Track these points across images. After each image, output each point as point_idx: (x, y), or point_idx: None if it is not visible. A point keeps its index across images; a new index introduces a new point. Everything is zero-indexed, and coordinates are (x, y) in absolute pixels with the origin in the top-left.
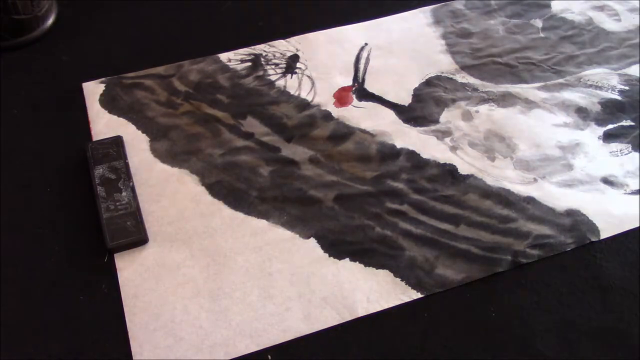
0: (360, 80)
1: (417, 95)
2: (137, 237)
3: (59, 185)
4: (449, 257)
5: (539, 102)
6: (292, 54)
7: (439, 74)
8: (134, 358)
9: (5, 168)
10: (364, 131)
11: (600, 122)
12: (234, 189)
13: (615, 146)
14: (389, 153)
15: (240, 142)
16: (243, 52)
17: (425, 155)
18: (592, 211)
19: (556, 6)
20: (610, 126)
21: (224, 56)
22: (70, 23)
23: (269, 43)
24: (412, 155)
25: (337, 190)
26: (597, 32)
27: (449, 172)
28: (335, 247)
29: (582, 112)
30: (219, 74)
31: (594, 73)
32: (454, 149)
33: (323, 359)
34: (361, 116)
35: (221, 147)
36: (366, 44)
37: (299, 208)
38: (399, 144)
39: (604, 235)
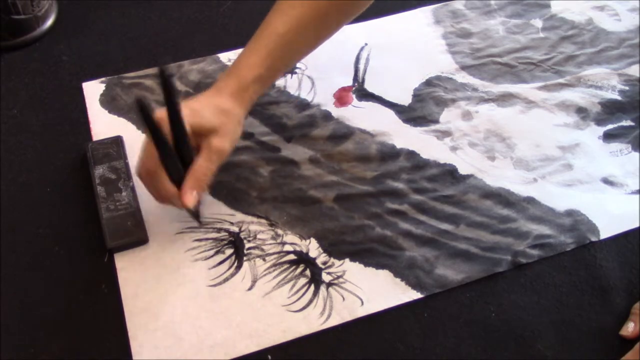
0: (360, 80)
1: (417, 95)
2: (137, 237)
3: (59, 185)
4: (449, 257)
5: (539, 102)
6: None
7: (439, 74)
8: (133, 358)
9: (5, 168)
10: (364, 131)
11: (600, 122)
12: (233, 189)
13: (615, 146)
14: (389, 153)
15: (240, 142)
16: None
17: (425, 155)
18: (592, 211)
19: (556, 6)
20: (610, 126)
21: (224, 56)
22: (70, 23)
23: None
24: (412, 155)
25: (337, 190)
26: (597, 32)
27: (449, 172)
28: (335, 247)
29: (582, 112)
30: (219, 74)
31: (594, 73)
32: (454, 149)
33: (323, 359)
34: (361, 116)
35: None
36: (366, 44)
37: (299, 208)
38: (399, 144)
39: (604, 235)
